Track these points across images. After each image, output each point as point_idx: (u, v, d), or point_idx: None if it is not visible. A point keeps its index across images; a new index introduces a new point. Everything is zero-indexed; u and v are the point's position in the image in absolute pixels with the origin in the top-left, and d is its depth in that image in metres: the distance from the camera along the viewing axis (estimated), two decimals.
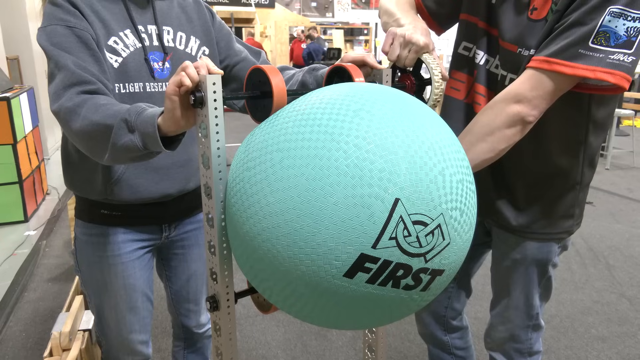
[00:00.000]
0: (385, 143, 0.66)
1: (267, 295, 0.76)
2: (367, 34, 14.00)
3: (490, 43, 1.17)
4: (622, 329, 2.38)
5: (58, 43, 1.01)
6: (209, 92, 0.74)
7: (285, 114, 0.74)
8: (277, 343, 2.22)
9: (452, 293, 1.45)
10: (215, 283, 0.82)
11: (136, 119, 0.87)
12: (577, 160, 1.16)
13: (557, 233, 1.21)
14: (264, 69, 0.82)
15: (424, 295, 0.73)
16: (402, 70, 1.10)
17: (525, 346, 1.31)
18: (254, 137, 0.75)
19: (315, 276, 0.66)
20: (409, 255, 0.66)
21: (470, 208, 0.72)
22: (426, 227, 0.66)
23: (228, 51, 1.26)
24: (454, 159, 0.71)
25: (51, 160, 4.84)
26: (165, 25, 1.16)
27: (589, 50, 0.96)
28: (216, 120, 0.75)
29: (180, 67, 0.79)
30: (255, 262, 0.72)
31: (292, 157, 0.67)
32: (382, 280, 0.66)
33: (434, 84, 1.02)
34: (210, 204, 0.78)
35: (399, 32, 1.06)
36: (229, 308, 0.83)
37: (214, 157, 0.76)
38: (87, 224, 1.21)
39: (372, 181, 0.63)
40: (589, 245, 3.28)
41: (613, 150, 5.27)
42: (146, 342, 1.33)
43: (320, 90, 0.78)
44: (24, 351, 2.16)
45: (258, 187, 0.69)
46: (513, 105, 1.02)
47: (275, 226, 0.66)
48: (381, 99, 0.72)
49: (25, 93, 3.61)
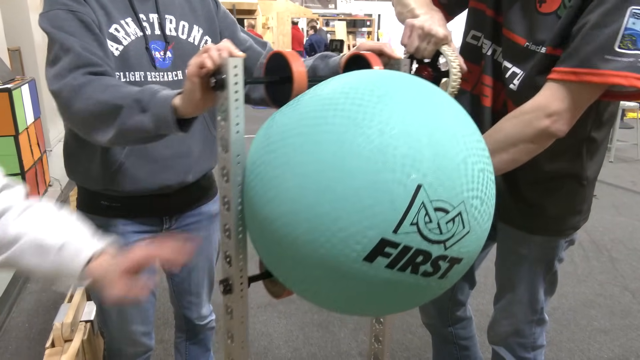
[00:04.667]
0: (408, 129, 0.65)
1: (283, 279, 0.76)
2: (369, 25, 13.91)
3: (496, 32, 1.15)
4: (624, 321, 2.37)
5: (61, 27, 1.00)
6: (231, 75, 0.74)
7: (306, 98, 0.74)
8: (279, 335, 2.23)
9: (456, 284, 1.45)
10: (229, 266, 0.82)
11: (150, 100, 0.87)
12: (584, 157, 1.14)
13: (565, 229, 1.20)
14: (284, 54, 0.81)
15: (441, 283, 0.72)
16: (419, 61, 1.08)
17: (529, 341, 1.31)
18: (275, 121, 0.75)
19: (335, 260, 0.66)
20: (429, 241, 0.65)
21: (490, 198, 0.72)
22: (447, 214, 0.65)
23: (232, 41, 1.24)
24: (476, 148, 0.70)
25: (53, 152, 4.83)
26: (167, 14, 1.14)
27: (616, 56, 0.91)
28: (236, 104, 0.75)
29: (203, 48, 0.79)
30: (273, 246, 0.71)
31: (314, 142, 0.66)
32: (401, 266, 0.66)
33: (452, 76, 1.01)
34: (228, 187, 0.77)
35: (417, 24, 1.04)
36: (242, 292, 0.83)
37: (233, 141, 0.75)
38: (88, 215, 1.20)
39: (395, 167, 0.63)
40: (592, 238, 3.27)
41: (617, 142, 5.24)
42: (148, 334, 1.33)
43: (341, 76, 0.77)
44: (27, 342, 2.17)
45: (279, 170, 0.68)
46: (544, 119, 0.97)
47: (295, 211, 0.66)
48: (404, 86, 0.72)
49: (27, 84, 3.60)
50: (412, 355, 2.10)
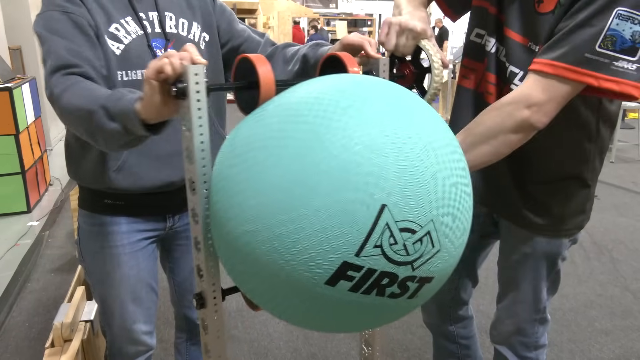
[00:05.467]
0: (374, 144, 0.61)
1: (251, 296, 0.74)
2: (370, 25, 13.91)
3: (500, 30, 1.14)
4: (625, 322, 2.37)
5: (53, 29, 1.00)
6: (191, 83, 0.70)
7: (271, 107, 0.70)
8: (279, 334, 2.22)
9: (458, 283, 1.44)
10: (201, 280, 0.79)
11: (115, 106, 0.85)
12: (590, 157, 1.14)
13: (570, 229, 1.20)
14: (250, 58, 0.77)
15: (411, 302, 0.70)
16: (400, 59, 1.07)
17: (532, 340, 1.30)
18: (239, 131, 0.72)
19: (297, 283, 0.63)
20: (395, 263, 0.62)
21: (464, 212, 0.68)
22: (414, 234, 0.62)
23: (230, 33, 1.24)
24: (448, 160, 0.66)
25: (54, 151, 4.84)
26: (167, 12, 1.15)
27: (595, 55, 0.91)
28: (199, 113, 0.71)
29: (165, 54, 0.76)
30: (237, 263, 0.69)
31: (276, 156, 0.63)
32: (365, 289, 0.63)
33: (434, 71, 1.00)
34: (195, 199, 0.75)
35: (394, 21, 1.03)
36: (216, 306, 0.80)
37: (198, 152, 0.72)
38: (91, 213, 1.20)
39: (358, 185, 0.59)
40: (593, 238, 3.26)
41: (618, 143, 5.23)
42: (150, 333, 1.32)
43: (310, 82, 0.74)
44: (27, 341, 2.16)
45: (241, 187, 0.65)
46: (523, 110, 0.97)
47: (256, 230, 0.63)
48: (374, 95, 0.68)
49: (28, 83, 3.59)
50: (412, 356, 2.10)
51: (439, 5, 1.26)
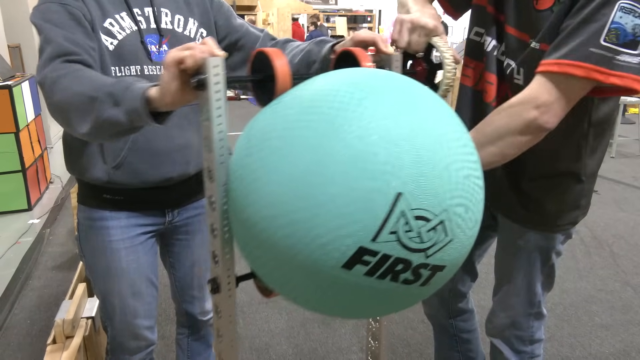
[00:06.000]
0: (389, 135, 0.63)
1: (267, 281, 0.76)
2: (370, 21, 13.88)
3: (498, 29, 1.15)
4: (626, 317, 2.37)
5: (50, 19, 1.01)
6: (211, 75, 0.73)
7: (287, 99, 0.73)
8: (280, 331, 2.23)
9: (456, 276, 1.45)
10: (216, 265, 0.82)
11: (123, 93, 0.85)
12: (583, 154, 1.14)
13: (563, 224, 1.21)
14: (266, 52, 0.80)
15: (423, 290, 0.71)
16: (412, 56, 1.08)
17: (527, 334, 1.31)
18: (256, 122, 0.74)
19: (313, 266, 0.65)
20: (409, 250, 0.64)
21: (475, 204, 0.70)
22: (428, 222, 0.64)
23: (228, 29, 1.24)
24: (461, 153, 0.68)
25: (54, 148, 4.84)
26: (162, 7, 1.15)
27: (601, 49, 0.91)
28: (218, 104, 0.74)
29: (185, 45, 0.77)
30: (254, 249, 0.71)
31: (292, 146, 0.65)
32: (380, 274, 0.65)
33: (446, 67, 1.00)
34: (212, 187, 0.77)
35: (406, 18, 1.04)
36: (230, 291, 0.83)
37: (216, 141, 0.75)
38: (90, 209, 1.21)
39: (375, 174, 0.61)
40: (594, 233, 3.26)
41: (618, 138, 5.23)
42: (151, 328, 1.33)
43: (325, 75, 0.76)
44: (28, 338, 2.17)
45: (258, 174, 0.67)
46: (532, 111, 0.97)
47: (273, 216, 0.65)
48: (388, 88, 0.70)
49: (27, 81, 3.59)
50: (413, 351, 2.11)
51: (440, 3, 1.26)
